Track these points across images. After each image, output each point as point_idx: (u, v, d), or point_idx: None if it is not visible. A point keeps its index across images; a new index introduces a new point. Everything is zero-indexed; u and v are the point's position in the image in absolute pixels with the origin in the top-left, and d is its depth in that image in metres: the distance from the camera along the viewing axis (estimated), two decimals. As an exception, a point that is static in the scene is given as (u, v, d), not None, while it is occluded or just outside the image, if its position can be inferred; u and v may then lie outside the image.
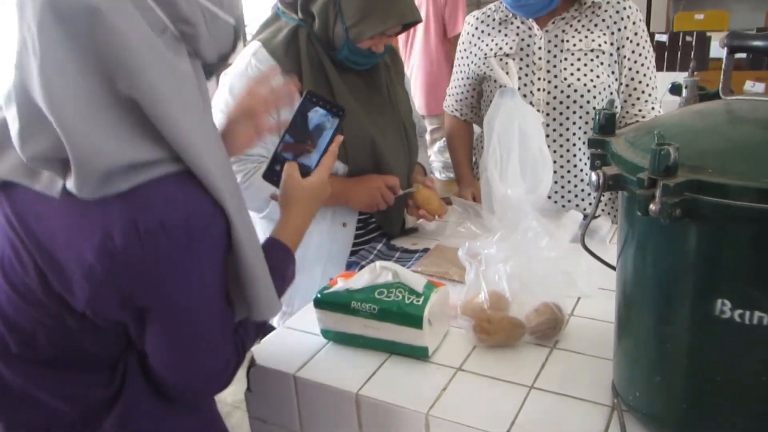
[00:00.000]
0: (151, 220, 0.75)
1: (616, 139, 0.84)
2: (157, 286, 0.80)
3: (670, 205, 0.68)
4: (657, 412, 0.85)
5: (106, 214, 0.75)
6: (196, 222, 0.78)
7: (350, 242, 1.55)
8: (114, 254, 0.75)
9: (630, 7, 1.65)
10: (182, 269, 0.80)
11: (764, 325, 0.70)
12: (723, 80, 0.84)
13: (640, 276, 0.82)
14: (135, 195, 0.76)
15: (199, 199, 0.80)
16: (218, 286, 0.86)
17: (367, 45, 1.41)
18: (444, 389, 1.00)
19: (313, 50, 1.44)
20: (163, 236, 0.76)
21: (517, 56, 1.66)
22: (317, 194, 1.10)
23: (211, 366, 0.89)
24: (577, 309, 1.21)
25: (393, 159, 1.53)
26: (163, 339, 0.85)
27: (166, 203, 0.77)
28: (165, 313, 0.83)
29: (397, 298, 1.07)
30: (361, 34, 1.37)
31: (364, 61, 1.45)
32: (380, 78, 1.53)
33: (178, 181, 0.78)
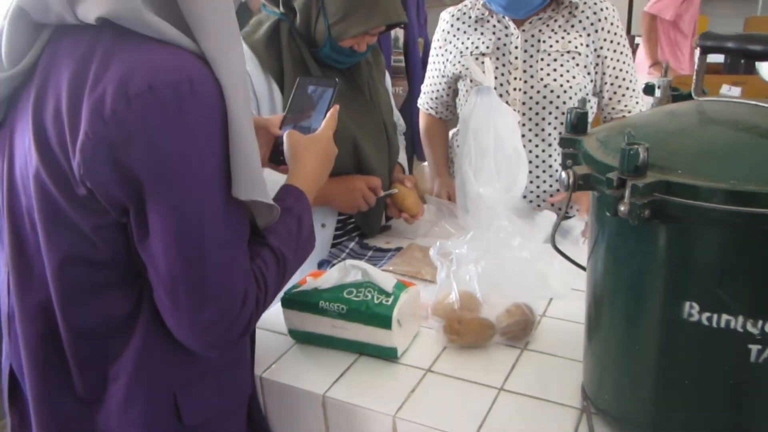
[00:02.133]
0: (140, 83, 0.73)
1: (588, 138, 0.83)
2: (147, 152, 0.74)
3: (639, 205, 0.67)
4: (626, 414, 0.84)
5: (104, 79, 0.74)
6: (185, 87, 0.74)
7: (329, 242, 1.53)
8: (104, 118, 0.73)
9: (607, 8, 1.65)
10: (172, 134, 0.74)
11: (731, 328, 0.69)
12: (695, 81, 0.83)
13: (610, 277, 0.81)
14: (132, 59, 0.74)
15: (195, 69, 0.76)
16: (216, 165, 0.77)
17: (349, 44, 1.38)
18: (413, 391, 0.99)
19: (295, 46, 1.41)
20: (150, 98, 0.73)
21: (494, 55, 1.65)
22: (323, 148, 1.06)
23: (224, 289, 0.79)
24: (550, 310, 1.20)
25: (374, 158, 1.51)
26: (164, 239, 0.76)
27: (158, 68, 0.74)
28: (161, 191, 0.75)
29: (366, 297, 1.05)
30: (343, 33, 1.35)
31: (346, 59, 1.43)
32: (362, 77, 1.51)
33: (180, 53, 0.76)
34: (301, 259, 0.95)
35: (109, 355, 0.85)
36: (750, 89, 2.75)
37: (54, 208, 0.79)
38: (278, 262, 0.88)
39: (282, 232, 0.90)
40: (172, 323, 0.81)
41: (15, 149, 0.84)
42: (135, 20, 0.74)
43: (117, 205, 0.78)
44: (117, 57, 0.74)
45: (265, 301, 0.86)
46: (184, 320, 0.80)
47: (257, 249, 0.87)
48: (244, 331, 0.83)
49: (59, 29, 0.80)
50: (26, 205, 0.83)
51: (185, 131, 0.74)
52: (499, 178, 1.44)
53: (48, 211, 0.80)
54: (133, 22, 0.74)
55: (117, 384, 0.85)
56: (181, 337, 0.82)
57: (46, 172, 0.78)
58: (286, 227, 0.91)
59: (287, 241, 0.90)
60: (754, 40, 0.74)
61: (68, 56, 0.77)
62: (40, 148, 0.78)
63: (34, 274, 0.84)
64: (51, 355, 0.85)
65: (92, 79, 0.74)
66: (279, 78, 1.39)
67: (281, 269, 0.89)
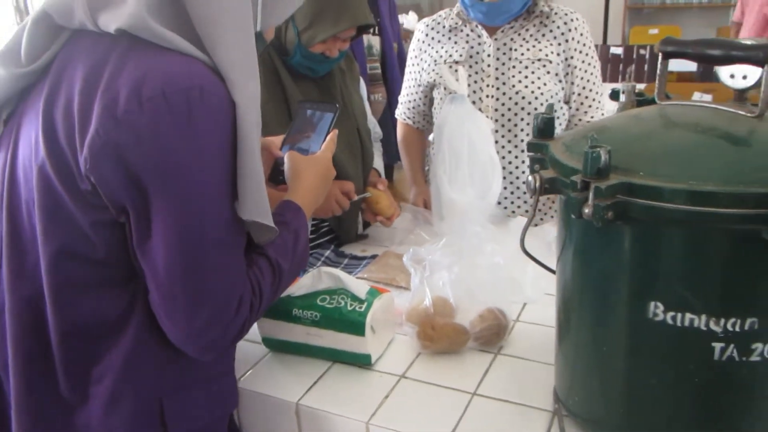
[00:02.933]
0: (153, 88, 0.75)
1: (554, 142, 0.84)
2: (155, 154, 0.76)
3: (602, 207, 0.68)
4: (595, 416, 0.84)
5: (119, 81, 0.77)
6: (195, 93, 0.77)
7: None
8: (116, 117, 0.75)
9: (577, 19, 1.68)
10: (180, 138, 0.76)
11: (695, 327, 0.70)
12: (658, 86, 0.85)
13: (578, 279, 0.82)
14: (147, 65, 0.77)
15: (206, 77, 0.79)
16: (221, 171, 0.80)
17: (319, 49, 1.39)
18: (386, 397, 0.99)
19: (267, 56, 1.41)
20: (162, 102, 0.75)
21: (467, 63, 1.67)
22: (323, 168, 1.10)
23: (220, 292, 0.81)
24: (523, 315, 1.20)
25: (348, 165, 1.51)
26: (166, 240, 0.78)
27: (173, 75, 0.77)
28: (166, 193, 0.77)
29: (339, 304, 1.05)
30: (312, 38, 1.36)
31: (318, 67, 1.43)
32: (335, 84, 1.52)
33: (193, 62, 0.79)
34: (295, 273, 0.98)
35: (97, 355, 0.85)
36: (720, 96, 2.81)
37: (55, 201, 0.81)
38: (274, 273, 0.90)
39: (279, 244, 0.92)
40: (168, 325, 0.82)
41: (20, 142, 0.86)
42: (151, 32, 0.77)
43: (117, 203, 0.79)
44: (132, 62, 0.78)
45: (259, 309, 0.88)
46: (179, 322, 0.81)
47: (254, 258, 0.89)
48: (238, 336, 0.85)
49: (77, 32, 0.83)
50: (26, 198, 0.85)
51: (193, 136, 0.77)
52: (473, 184, 1.45)
53: (48, 204, 0.81)
54: (151, 34, 0.78)
55: (102, 385, 0.85)
56: (176, 340, 0.83)
57: (52, 164, 0.80)
58: (284, 240, 0.93)
59: (284, 253, 0.92)
60: (713, 45, 0.76)
61: (84, 58, 0.81)
62: (47, 142, 0.80)
63: (27, 268, 0.85)
64: (37, 351, 0.86)
65: (106, 81, 0.77)
66: None
67: (276, 280, 0.91)
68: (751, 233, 0.65)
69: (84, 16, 0.80)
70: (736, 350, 0.71)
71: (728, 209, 0.65)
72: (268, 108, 1.39)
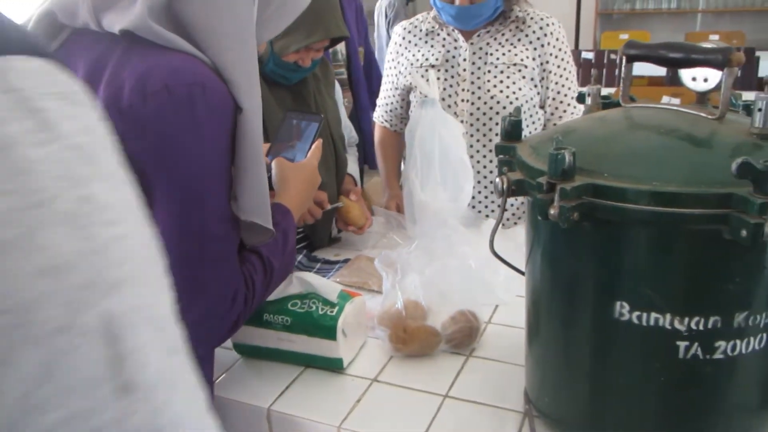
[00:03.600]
0: (157, 82, 0.77)
1: (522, 145, 0.85)
2: (157, 145, 0.78)
3: (567, 209, 0.69)
4: (565, 416, 0.85)
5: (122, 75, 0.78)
6: (198, 89, 0.79)
7: None
8: (120, 109, 0.77)
9: (553, 23, 1.69)
10: (182, 131, 0.79)
11: (660, 326, 0.71)
12: (622, 89, 0.86)
13: (546, 281, 0.83)
14: (151, 60, 0.79)
15: (208, 76, 0.80)
16: (220, 166, 0.82)
17: (293, 59, 1.38)
18: (358, 401, 0.98)
19: None
20: (166, 96, 0.78)
21: (443, 67, 1.67)
22: (309, 175, 1.14)
23: (217, 284, 0.83)
24: (495, 316, 1.21)
25: (321, 170, 1.50)
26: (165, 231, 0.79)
27: (176, 70, 0.79)
28: (166, 185, 0.79)
29: (310, 309, 1.05)
30: (285, 48, 1.35)
31: (291, 75, 1.42)
32: (308, 91, 1.51)
33: (196, 61, 0.81)
34: (285, 273, 1.00)
35: None
36: (687, 99, 2.84)
37: None
38: (266, 270, 0.93)
39: (271, 243, 0.94)
40: None
41: None
42: (155, 33, 0.79)
43: None
44: (136, 57, 0.79)
45: (252, 304, 0.90)
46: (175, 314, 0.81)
47: (247, 255, 0.92)
48: (232, 329, 0.88)
49: (77, 31, 0.84)
50: None
51: (196, 130, 0.79)
52: (445, 187, 1.46)
53: None
54: (154, 35, 0.79)
55: None
56: None
57: None
58: (275, 240, 0.95)
59: (275, 252, 0.95)
60: (674, 48, 0.77)
61: (85, 55, 0.82)
62: None
63: None
64: None
65: (110, 74, 0.79)
66: None
67: (268, 277, 0.94)
68: (713, 233, 0.66)
69: (88, 16, 0.81)
70: (700, 349, 0.72)
71: (690, 209, 0.66)
72: None
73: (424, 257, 1.20)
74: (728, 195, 0.64)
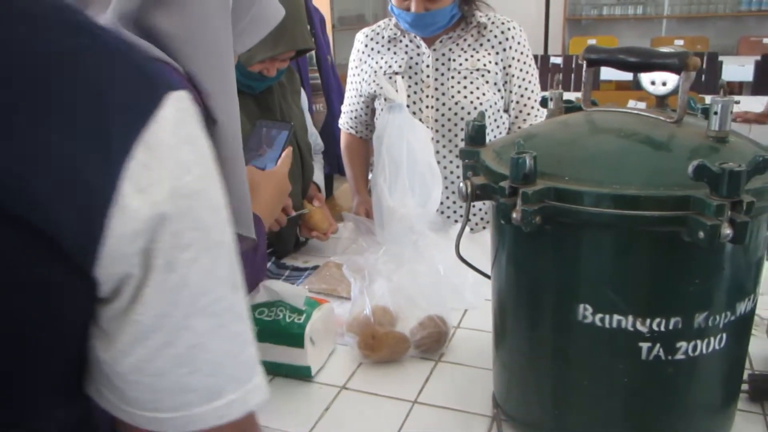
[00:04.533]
0: None
1: (486, 150, 0.86)
2: None
3: (530, 212, 0.69)
4: (531, 419, 0.85)
5: None
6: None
7: None
8: None
9: (514, 28, 1.70)
10: None
11: (623, 328, 0.72)
12: (584, 93, 0.87)
13: (511, 284, 0.83)
14: None
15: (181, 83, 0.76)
16: None
17: (257, 69, 1.37)
18: (327, 409, 0.97)
19: None
20: None
21: (406, 74, 1.68)
22: (279, 182, 1.15)
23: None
24: (464, 321, 1.21)
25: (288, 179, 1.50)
26: None
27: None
28: None
29: (277, 317, 1.04)
30: (250, 58, 1.34)
31: (256, 84, 1.42)
32: (273, 99, 1.50)
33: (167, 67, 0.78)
34: (255, 281, 1.01)
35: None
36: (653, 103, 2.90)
37: None
38: None
39: (240, 252, 0.91)
40: None
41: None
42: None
43: None
44: None
45: None
46: None
47: None
48: None
49: None
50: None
51: None
52: (413, 193, 1.46)
53: None
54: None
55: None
56: None
57: None
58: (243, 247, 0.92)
59: (244, 262, 0.91)
60: (632, 53, 0.78)
61: None
62: None
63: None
64: None
65: None
66: None
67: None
68: (673, 235, 0.67)
69: None
70: (662, 349, 0.73)
71: (650, 212, 0.67)
72: None
73: (393, 263, 1.20)
74: (686, 197, 0.65)
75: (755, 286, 0.77)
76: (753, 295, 0.76)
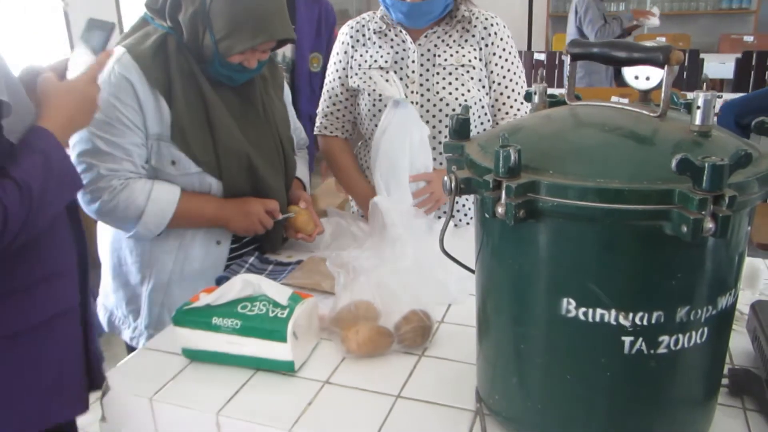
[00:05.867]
0: None
1: (470, 143, 0.85)
2: None
3: (514, 206, 0.69)
4: (515, 413, 0.85)
5: None
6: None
7: (224, 260, 1.49)
8: None
9: (497, 23, 1.69)
10: None
11: (606, 322, 0.72)
12: (567, 87, 0.87)
13: (495, 278, 0.83)
14: None
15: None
16: None
17: (237, 60, 1.36)
18: (310, 404, 0.97)
19: (184, 61, 1.37)
20: None
21: (392, 69, 1.66)
22: (80, 95, 1.08)
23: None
24: (448, 315, 1.21)
25: (269, 174, 1.49)
26: None
27: None
28: None
29: (260, 311, 1.03)
30: (230, 49, 1.32)
31: (237, 76, 1.40)
32: (254, 91, 1.49)
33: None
34: (58, 191, 1.02)
35: None
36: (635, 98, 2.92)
37: None
38: (21, 191, 0.94)
39: (26, 166, 0.95)
40: None
41: None
42: None
43: None
44: None
45: (11, 227, 0.92)
46: None
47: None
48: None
49: None
50: None
51: None
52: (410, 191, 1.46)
53: None
54: None
55: None
56: None
57: None
58: (31, 161, 0.96)
59: (32, 173, 0.96)
60: (616, 47, 0.78)
61: None
62: None
63: None
64: None
65: None
66: (166, 92, 1.34)
67: (26, 198, 0.94)
68: (656, 229, 0.67)
69: None
70: (644, 343, 0.73)
71: (633, 206, 0.67)
72: (187, 116, 1.35)
73: (377, 257, 1.19)
74: (670, 191, 0.65)
75: (736, 280, 0.77)
76: (734, 289, 0.77)
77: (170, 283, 1.45)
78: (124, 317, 1.52)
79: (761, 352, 0.96)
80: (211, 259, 1.47)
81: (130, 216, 1.34)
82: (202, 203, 1.41)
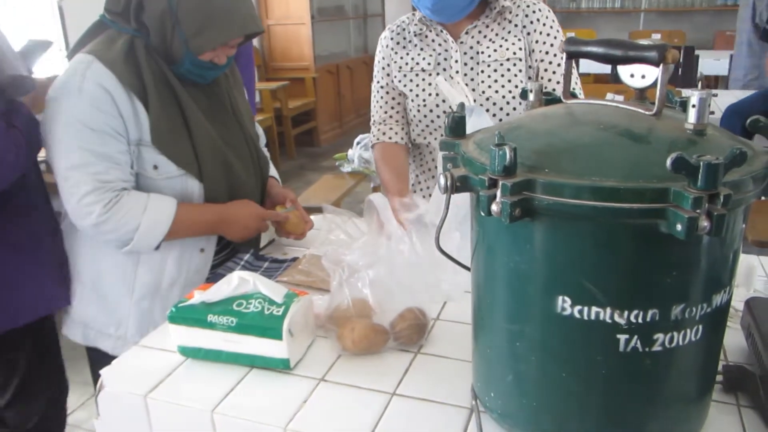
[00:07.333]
0: None
1: (466, 141, 0.85)
2: None
3: (510, 204, 0.69)
4: (510, 411, 0.85)
5: None
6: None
7: (208, 267, 1.49)
8: None
9: (540, 10, 1.60)
10: None
11: (601, 320, 0.72)
12: (564, 84, 0.87)
13: (490, 276, 0.83)
14: None
15: None
16: None
17: (208, 57, 1.35)
18: (305, 401, 0.97)
19: (155, 63, 1.36)
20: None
21: (435, 71, 1.61)
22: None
23: None
24: (443, 313, 1.21)
25: (245, 173, 1.49)
26: None
27: None
28: None
29: (256, 309, 1.03)
30: (202, 47, 1.32)
31: (208, 74, 1.40)
32: (221, 90, 1.48)
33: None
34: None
35: None
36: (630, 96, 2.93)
37: None
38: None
39: None
40: None
41: None
42: None
43: None
44: None
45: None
46: None
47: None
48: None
49: None
50: None
51: None
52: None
53: None
54: None
55: None
56: None
57: None
58: None
59: None
60: (612, 45, 0.78)
61: None
62: None
63: None
64: None
65: None
66: (141, 95, 1.33)
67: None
68: (650, 227, 0.67)
69: None
70: (639, 341, 0.73)
71: (629, 204, 0.67)
72: (165, 119, 1.34)
73: (372, 255, 1.19)
74: (665, 189, 0.65)
75: (731, 278, 0.77)
76: (729, 287, 0.77)
77: (155, 293, 1.44)
78: (104, 328, 1.48)
79: (755, 349, 0.96)
80: (193, 267, 1.46)
81: (125, 229, 1.32)
82: (199, 212, 1.40)
